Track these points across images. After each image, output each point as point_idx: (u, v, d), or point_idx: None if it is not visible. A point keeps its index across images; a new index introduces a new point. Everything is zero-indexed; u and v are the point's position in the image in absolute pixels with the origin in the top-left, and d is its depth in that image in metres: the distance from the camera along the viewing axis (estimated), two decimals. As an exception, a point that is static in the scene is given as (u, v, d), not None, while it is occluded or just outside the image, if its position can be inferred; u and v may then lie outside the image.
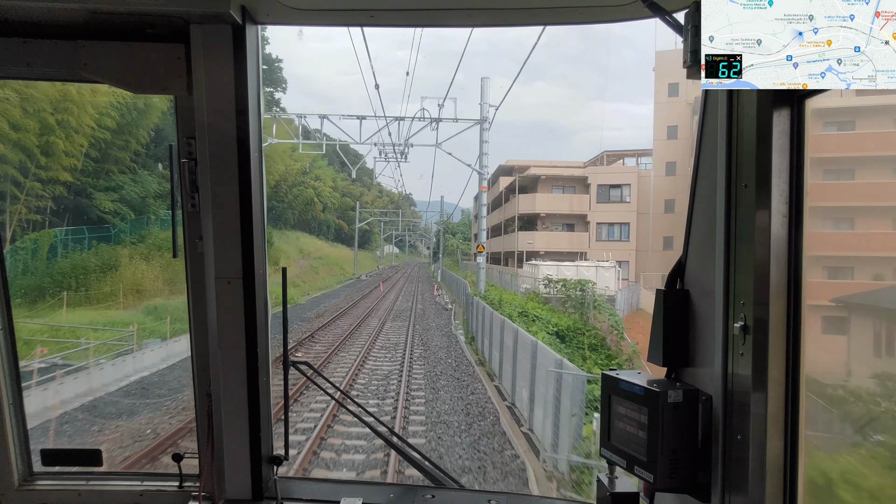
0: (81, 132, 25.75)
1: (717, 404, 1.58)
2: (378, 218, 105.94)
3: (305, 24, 1.97)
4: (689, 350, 1.75)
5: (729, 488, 1.55)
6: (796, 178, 1.43)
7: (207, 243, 2.00)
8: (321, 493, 2.28)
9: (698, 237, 1.74)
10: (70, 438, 10.97)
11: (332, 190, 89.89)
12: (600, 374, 1.83)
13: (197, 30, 1.86)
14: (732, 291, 1.53)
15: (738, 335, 1.49)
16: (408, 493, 2.26)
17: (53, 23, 1.85)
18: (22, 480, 2.29)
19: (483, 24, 1.96)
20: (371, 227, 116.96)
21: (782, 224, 1.43)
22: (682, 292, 1.78)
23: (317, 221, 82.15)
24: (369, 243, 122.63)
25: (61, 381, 13.38)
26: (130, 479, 2.30)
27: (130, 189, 29.90)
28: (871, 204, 13.62)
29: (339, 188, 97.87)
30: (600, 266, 38.03)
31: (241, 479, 2.16)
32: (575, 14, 1.82)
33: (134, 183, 30.28)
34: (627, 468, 1.72)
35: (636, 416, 1.67)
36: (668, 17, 1.53)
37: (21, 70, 1.89)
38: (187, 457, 2.22)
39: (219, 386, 2.09)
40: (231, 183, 1.96)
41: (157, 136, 31.43)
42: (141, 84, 1.93)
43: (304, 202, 74.34)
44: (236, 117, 1.92)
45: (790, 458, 1.46)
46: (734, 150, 1.51)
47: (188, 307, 2.11)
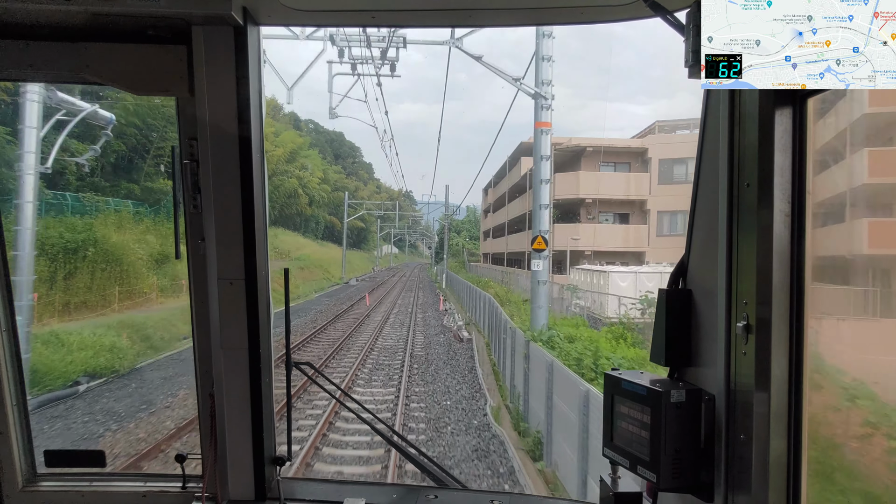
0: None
1: (719, 404, 1.59)
2: (370, 211, 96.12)
3: (307, 24, 2.00)
4: (691, 350, 1.75)
5: (732, 488, 1.55)
6: (799, 177, 1.43)
7: (209, 244, 2.01)
8: (324, 494, 2.29)
9: (701, 237, 1.74)
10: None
11: (322, 182, 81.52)
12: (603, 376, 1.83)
13: (199, 31, 1.87)
14: (735, 291, 1.53)
15: (741, 335, 1.50)
16: (410, 493, 2.26)
17: (56, 25, 1.86)
18: (26, 482, 2.30)
19: (483, 25, 1.96)
20: (368, 226, 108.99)
21: (785, 223, 1.43)
22: (684, 292, 1.79)
23: (302, 217, 73.31)
24: (365, 242, 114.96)
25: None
26: (134, 480, 2.31)
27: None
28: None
29: (330, 181, 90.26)
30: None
31: (244, 480, 2.16)
32: (576, 14, 1.82)
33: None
34: (630, 468, 1.72)
35: (639, 416, 1.67)
36: (669, 16, 1.53)
37: (24, 72, 1.90)
38: (190, 457, 2.23)
39: (221, 386, 2.09)
40: (233, 184, 1.96)
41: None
42: (143, 86, 1.93)
43: (286, 194, 65.18)
44: (238, 118, 1.93)
45: (793, 457, 1.46)
46: (736, 149, 1.51)
47: (190, 308, 2.11)
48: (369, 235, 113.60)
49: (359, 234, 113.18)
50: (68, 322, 18.89)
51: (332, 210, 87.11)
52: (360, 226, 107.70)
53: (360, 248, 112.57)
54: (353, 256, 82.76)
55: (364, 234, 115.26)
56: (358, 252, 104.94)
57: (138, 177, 34.18)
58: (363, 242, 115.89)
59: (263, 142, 2.05)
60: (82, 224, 23.48)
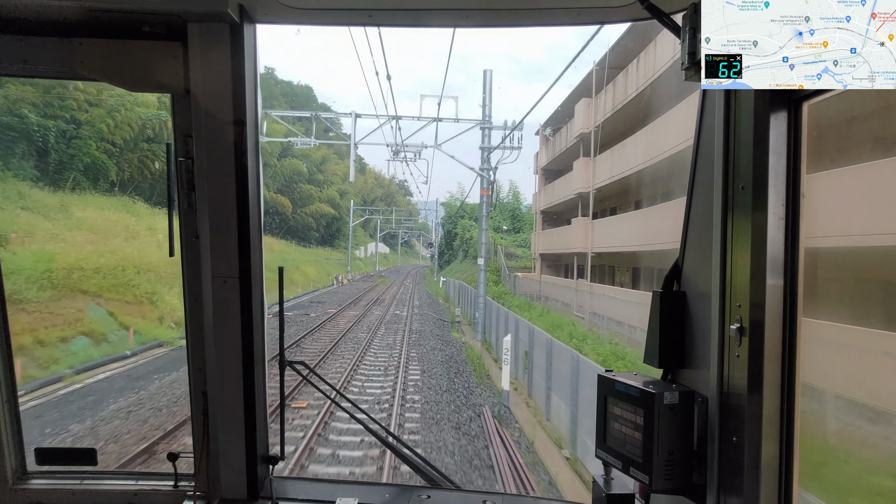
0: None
1: (712, 406, 1.59)
2: (340, 189, 72.29)
3: (303, 23, 1.97)
4: (685, 352, 1.75)
5: (724, 490, 1.55)
6: (793, 180, 1.43)
7: (204, 242, 2.00)
8: (316, 493, 2.28)
9: (695, 239, 1.74)
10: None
11: (278, 160, 63.27)
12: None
13: (195, 28, 1.86)
14: (729, 293, 1.53)
15: (735, 337, 1.50)
16: (403, 492, 2.26)
17: (51, 20, 1.85)
18: (16, 479, 2.29)
19: (480, 25, 1.96)
20: (340, 213, 78.69)
21: (778, 226, 1.44)
22: (678, 294, 1.79)
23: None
24: (339, 238, 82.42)
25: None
26: (125, 479, 2.29)
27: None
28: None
29: (292, 165, 67.45)
30: None
31: (236, 479, 2.15)
32: (572, 15, 1.82)
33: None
34: (623, 469, 1.72)
35: (632, 418, 1.67)
36: (665, 18, 1.53)
37: (18, 67, 1.89)
38: (182, 456, 2.22)
39: (214, 385, 2.09)
40: (228, 182, 1.96)
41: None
42: (138, 82, 1.92)
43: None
44: (233, 116, 1.93)
45: (785, 460, 1.46)
46: (731, 151, 1.51)
47: (184, 306, 2.10)
48: (344, 227, 78.45)
49: (329, 226, 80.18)
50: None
51: (281, 186, 66.01)
52: (330, 213, 77.83)
53: (334, 245, 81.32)
54: (312, 256, 59.87)
55: (338, 226, 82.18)
56: (326, 251, 74.70)
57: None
58: (336, 238, 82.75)
59: (259, 140, 2.04)
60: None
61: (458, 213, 60.13)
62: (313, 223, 73.81)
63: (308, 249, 65.24)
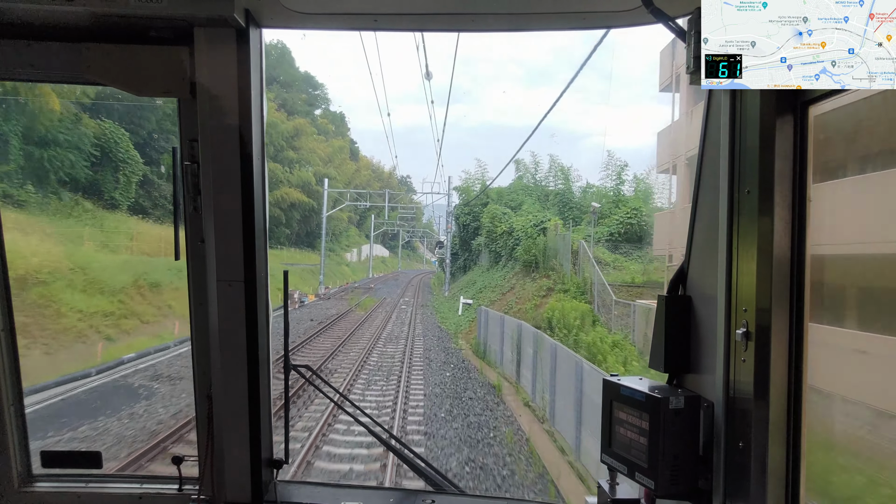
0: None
1: (718, 411, 1.58)
2: (319, 173, 49.91)
3: (309, 28, 1.99)
4: (690, 356, 1.74)
5: (730, 495, 1.54)
6: (799, 184, 1.43)
7: (209, 246, 2.01)
8: (320, 497, 2.28)
9: (701, 243, 1.73)
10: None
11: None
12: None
13: (201, 33, 1.88)
14: (735, 298, 1.52)
15: (741, 342, 1.49)
16: (408, 497, 2.25)
17: (58, 25, 1.87)
18: (22, 482, 2.30)
19: (485, 30, 1.97)
20: (318, 204, 54.29)
21: (785, 231, 1.43)
22: (684, 298, 1.78)
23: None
24: (318, 237, 53.64)
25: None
26: (130, 482, 2.30)
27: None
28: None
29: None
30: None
31: (240, 483, 2.15)
32: (578, 19, 1.83)
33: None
34: (628, 474, 1.71)
35: (637, 423, 1.66)
36: (670, 22, 1.53)
37: (25, 72, 1.91)
38: (187, 459, 2.22)
39: (219, 388, 2.09)
40: (233, 186, 1.97)
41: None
42: (144, 87, 1.95)
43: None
44: (239, 121, 1.94)
45: (792, 465, 1.45)
46: (737, 155, 1.51)
47: (189, 309, 2.11)
48: (333, 224, 60.11)
49: (306, 220, 59.50)
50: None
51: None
52: (304, 202, 57.59)
53: (315, 245, 57.71)
54: (274, 261, 25.77)
55: (317, 221, 55.72)
56: (303, 253, 55.81)
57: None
58: (317, 237, 57.44)
59: (264, 145, 2.06)
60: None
61: (479, 200, 42.59)
62: (282, 216, 53.37)
63: (273, 252, 45.32)
